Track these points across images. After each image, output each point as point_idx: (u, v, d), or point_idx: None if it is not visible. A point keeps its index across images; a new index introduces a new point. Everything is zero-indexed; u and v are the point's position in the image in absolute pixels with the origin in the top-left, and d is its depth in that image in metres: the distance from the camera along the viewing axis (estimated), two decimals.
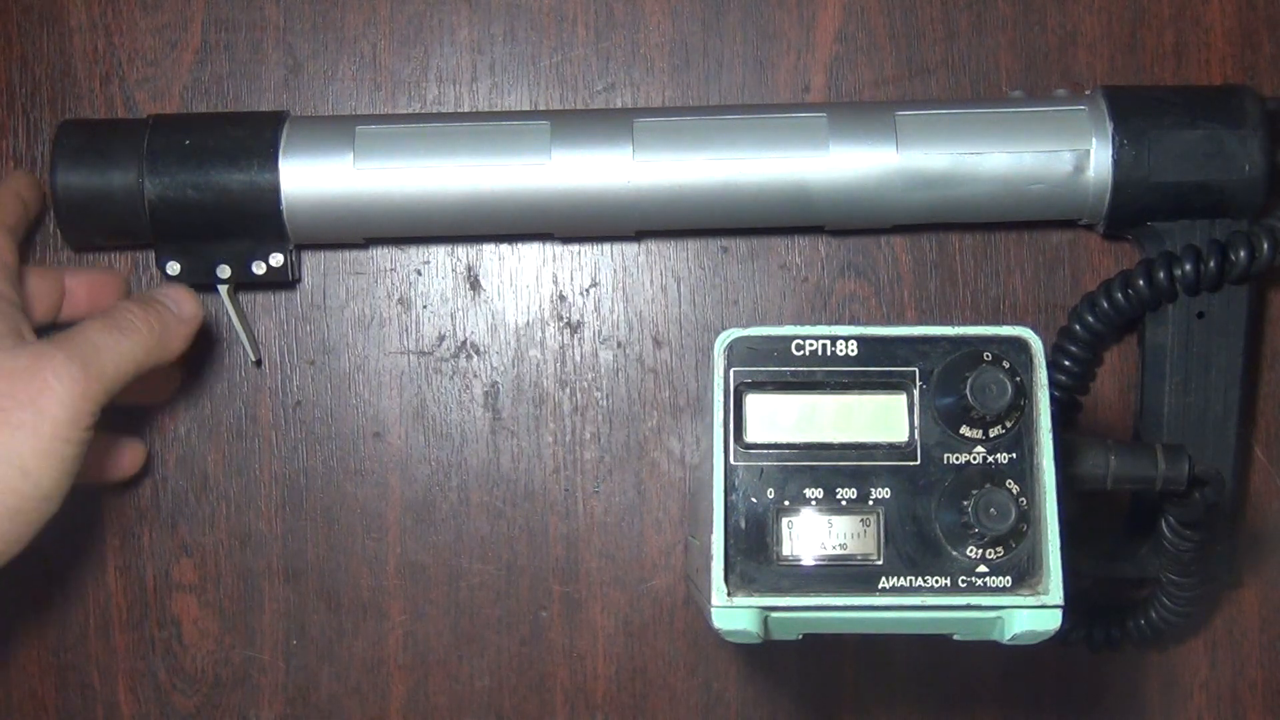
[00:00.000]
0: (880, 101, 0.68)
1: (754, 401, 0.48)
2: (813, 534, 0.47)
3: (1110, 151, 0.63)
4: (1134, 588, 0.67)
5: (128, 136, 0.63)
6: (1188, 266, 0.62)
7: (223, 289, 0.65)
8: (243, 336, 0.67)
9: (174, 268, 0.64)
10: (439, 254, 0.68)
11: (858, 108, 0.65)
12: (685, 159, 0.63)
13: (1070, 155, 0.63)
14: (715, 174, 0.63)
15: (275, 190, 0.63)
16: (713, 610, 0.46)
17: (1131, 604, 0.66)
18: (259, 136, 0.63)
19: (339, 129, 0.64)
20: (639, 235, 0.68)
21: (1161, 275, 0.63)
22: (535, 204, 0.64)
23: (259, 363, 0.68)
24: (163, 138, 0.63)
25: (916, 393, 0.48)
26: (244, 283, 0.65)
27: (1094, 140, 0.63)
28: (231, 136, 0.63)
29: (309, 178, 0.63)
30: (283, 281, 0.66)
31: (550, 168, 0.63)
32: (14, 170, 0.67)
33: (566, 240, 0.68)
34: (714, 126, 0.63)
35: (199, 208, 0.63)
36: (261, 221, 0.63)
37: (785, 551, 0.47)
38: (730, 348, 0.48)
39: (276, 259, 0.65)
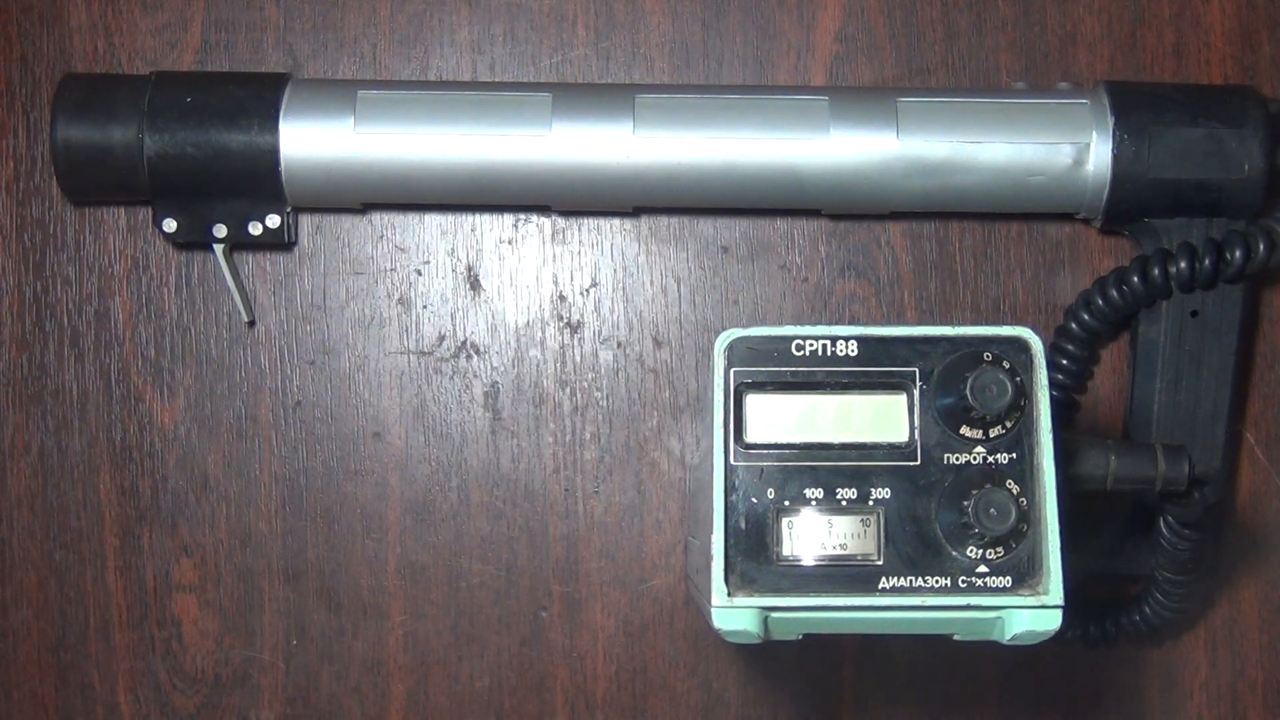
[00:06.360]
0: (882, 87, 0.68)
1: (754, 401, 0.48)
2: (813, 534, 0.47)
3: (1110, 146, 0.63)
4: (1127, 584, 0.67)
5: (129, 92, 0.63)
6: (1183, 264, 0.62)
7: (218, 248, 0.65)
8: (236, 297, 0.67)
9: (170, 225, 0.64)
10: (439, 254, 0.68)
11: (859, 93, 0.64)
12: (686, 137, 0.63)
13: (1070, 148, 0.63)
14: (716, 153, 0.63)
15: (274, 151, 0.63)
16: (713, 610, 0.46)
17: (1125, 600, 0.66)
18: (260, 97, 0.63)
19: (340, 93, 0.64)
20: (636, 211, 0.68)
21: (1156, 271, 0.63)
22: (534, 176, 0.63)
23: (252, 323, 0.68)
24: (164, 94, 0.63)
25: (916, 393, 0.48)
26: (240, 243, 0.65)
27: (1094, 134, 0.63)
28: (233, 96, 0.63)
29: (309, 140, 0.63)
30: (279, 243, 0.66)
31: (550, 140, 0.63)
32: None
33: (565, 213, 0.68)
34: (716, 105, 0.63)
35: (198, 166, 0.63)
36: (259, 182, 0.63)
37: (785, 551, 0.47)
38: (730, 348, 0.48)
39: (273, 220, 0.65)
